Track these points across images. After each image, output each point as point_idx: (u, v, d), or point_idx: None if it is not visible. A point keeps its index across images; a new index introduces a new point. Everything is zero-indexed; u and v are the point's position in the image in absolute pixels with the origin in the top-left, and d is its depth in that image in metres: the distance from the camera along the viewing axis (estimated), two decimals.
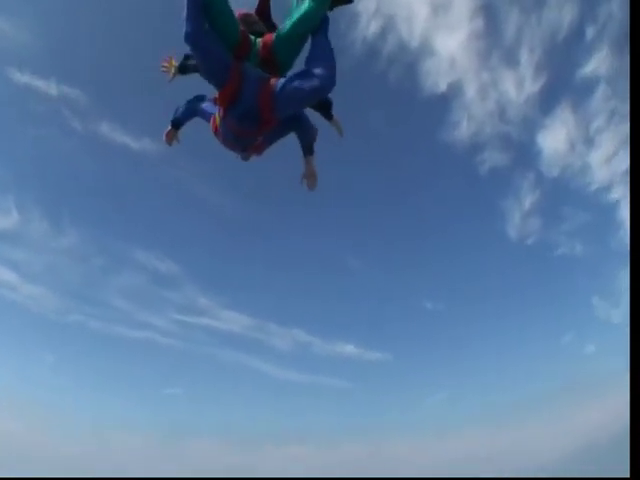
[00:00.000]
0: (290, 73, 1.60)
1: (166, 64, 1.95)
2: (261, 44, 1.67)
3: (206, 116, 1.83)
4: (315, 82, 1.50)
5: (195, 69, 1.87)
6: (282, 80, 1.56)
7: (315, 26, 1.63)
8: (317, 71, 1.51)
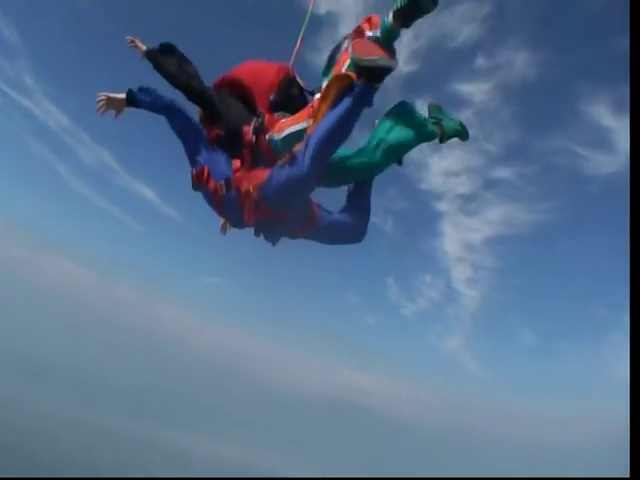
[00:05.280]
0: (340, 213, 1.60)
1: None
2: None
3: (188, 145, 1.51)
4: (353, 235, 1.61)
5: (172, 69, 1.57)
6: (329, 214, 1.56)
7: (368, 178, 1.62)
8: (357, 223, 1.59)
